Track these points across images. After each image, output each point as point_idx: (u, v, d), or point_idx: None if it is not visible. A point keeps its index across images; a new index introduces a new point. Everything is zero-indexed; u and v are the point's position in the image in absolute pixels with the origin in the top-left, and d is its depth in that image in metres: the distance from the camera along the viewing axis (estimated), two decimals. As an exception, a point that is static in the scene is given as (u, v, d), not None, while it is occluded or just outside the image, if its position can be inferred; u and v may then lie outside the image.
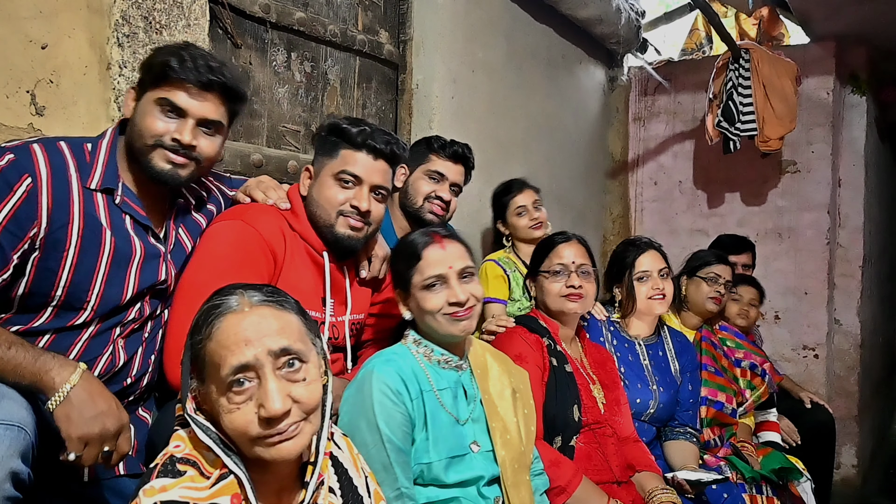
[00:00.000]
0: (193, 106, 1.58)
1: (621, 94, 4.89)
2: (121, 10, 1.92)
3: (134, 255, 1.60)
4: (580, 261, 2.20)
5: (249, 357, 1.13)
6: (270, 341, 1.15)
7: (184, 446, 1.18)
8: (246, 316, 1.16)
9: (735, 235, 3.83)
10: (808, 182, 4.42)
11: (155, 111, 1.56)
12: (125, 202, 1.60)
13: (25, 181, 1.43)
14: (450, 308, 1.70)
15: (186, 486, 1.12)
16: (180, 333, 1.62)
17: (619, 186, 4.93)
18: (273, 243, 1.75)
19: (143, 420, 1.72)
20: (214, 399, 1.15)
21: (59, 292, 1.50)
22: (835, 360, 4.44)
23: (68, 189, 1.50)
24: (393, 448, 1.57)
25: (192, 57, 1.56)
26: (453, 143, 2.51)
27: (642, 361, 2.49)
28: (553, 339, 2.18)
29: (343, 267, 1.93)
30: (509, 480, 1.74)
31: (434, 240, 1.74)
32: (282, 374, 1.15)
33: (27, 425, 1.28)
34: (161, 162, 1.58)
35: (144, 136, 1.56)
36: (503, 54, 3.55)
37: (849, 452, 4.39)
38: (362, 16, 2.92)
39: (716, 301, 2.79)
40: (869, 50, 4.43)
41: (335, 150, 1.83)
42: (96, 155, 1.57)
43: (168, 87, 1.56)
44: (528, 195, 2.96)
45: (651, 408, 2.42)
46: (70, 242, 1.50)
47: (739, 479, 2.47)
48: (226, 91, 1.63)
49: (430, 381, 1.72)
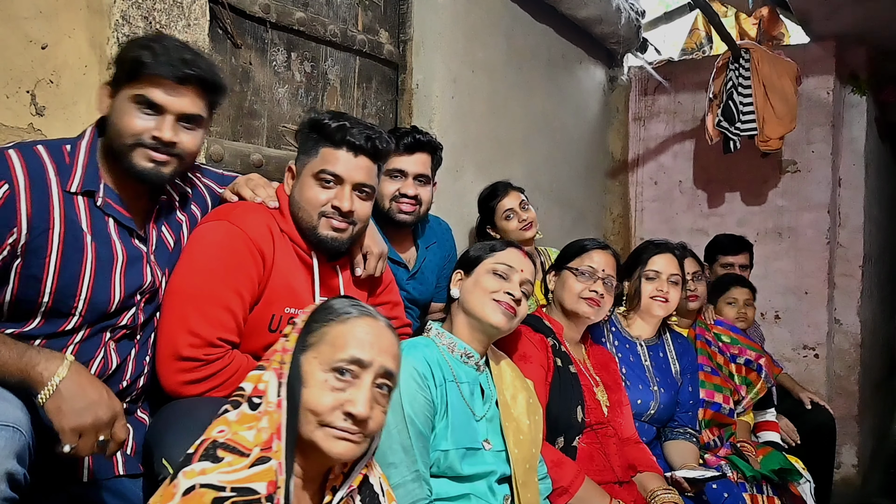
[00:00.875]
0: (171, 101, 1.52)
1: (621, 93, 4.89)
2: (121, 10, 1.92)
3: (116, 259, 1.56)
4: (609, 271, 2.22)
5: (368, 357, 1.25)
6: (387, 359, 1.29)
7: (227, 431, 1.20)
8: (380, 328, 1.31)
9: (733, 235, 3.81)
10: (808, 182, 4.42)
11: (132, 109, 1.51)
12: (107, 203, 1.55)
13: (2, 188, 1.40)
14: (503, 296, 1.80)
15: (224, 470, 1.15)
16: (171, 337, 1.61)
17: (619, 186, 4.93)
18: (261, 243, 1.70)
19: (142, 421, 1.69)
20: (307, 371, 1.24)
21: (45, 299, 1.47)
22: (835, 360, 4.44)
23: (48, 194, 1.46)
24: (415, 431, 1.61)
25: (165, 50, 1.50)
26: (406, 134, 2.40)
27: (643, 362, 2.49)
28: (558, 340, 2.19)
29: (336, 266, 1.88)
30: (520, 480, 1.77)
31: (520, 249, 1.93)
32: (376, 391, 1.27)
33: (22, 426, 1.27)
34: (143, 161, 1.53)
35: (124, 136, 1.51)
36: (503, 54, 3.55)
37: (849, 452, 4.38)
38: (362, 16, 2.92)
39: (692, 299, 2.77)
40: (869, 50, 4.43)
41: (315, 149, 1.76)
42: (75, 157, 1.53)
43: (143, 84, 1.50)
44: (514, 197, 2.92)
45: (651, 409, 2.42)
46: (52, 248, 1.46)
47: (740, 479, 2.46)
48: (203, 83, 1.57)
49: (452, 373, 1.77)
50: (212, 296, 1.63)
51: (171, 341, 1.61)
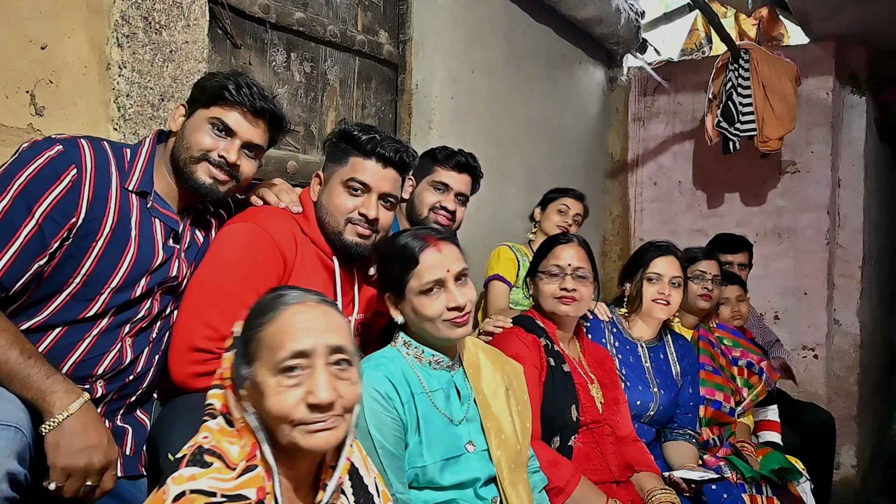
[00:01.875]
0: (244, 128, 1.69)
1: (621, 94, 4.89)
2: (120, 11, 1.92)
3: (156, 259, 1.65)
4: (577, 263, 2.19)
5: (309, 344, 1.21)
6: (329, 337, 1.23)
7: (211, 438, 1.22)
8: (310, 308, 1.25)
9: (732, 235, 3.80)
10: (807, 182, 4.42)
11: (206, 128, 1.66)
12: (154, 207, 1.67)
13: (72, 172, 1.49)
14: (449, 314, 1.68)
15: (214, 476, 1.16)
16: (188, 328, 1.69)
17: (618, 187, 4.93)
18: (284, 247, 1.77)
19: (142, 422, 1.72)
20: (261, 381, 1.20)
21: (77, 279, 1.53)
22: (834, 361, 4.44)
23: (108, 185, 1.57)
24: (385, 454, 1.57)
25: (248, 84, 1.68)
26: (458, 154, 2.50)
27: (643, 364, 2.49)
28: (550, 339, 2.18)
29: (352, 269, 1.94)
30: (506, 480, 1.73)
31: (429, 242, 1.70)
32: (332, 370, 1.23)
33: (23, 426, 1.29)
34: (203, 175, 1.66)
35: (192, 149, 1.65)
36: (503, 54, 3.55)
37: (848, 453, 4.39)
38: (362, 16, 2.92)
39: (706, 298, 2.79)
40: (868, 50, 4.43)
41: (345, 158, 1.84)
42: (136, 160, 1.65)
43: (223, 108, 1.66)
44: (577, 205, 3.11)
45: (651, 410, 2.42)
46: (101, 234, 1.55)
47: (739, 479, 2.46)
48: (274, 120, 1.75)
49: (421, 384, 1.71)
50: (232, 292, 1.68)
51: (187, 332, 1.68)
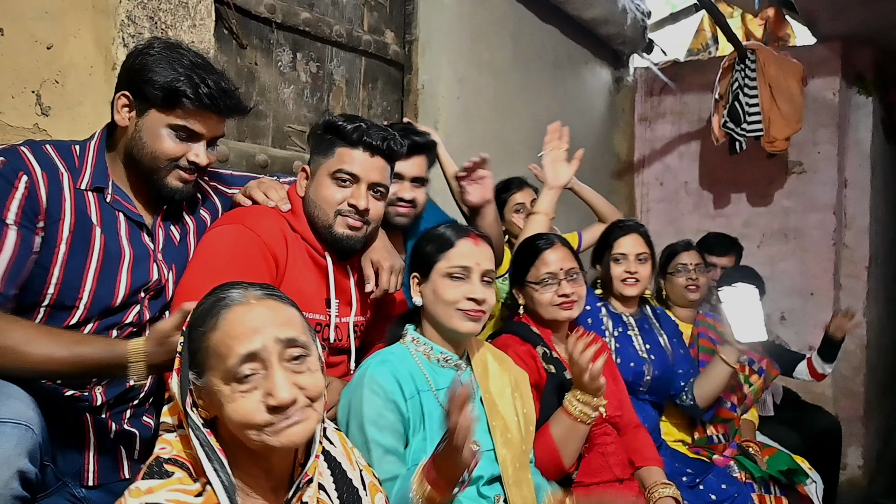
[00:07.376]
0: (210, 128, 1.64)
1: (627, 94, 4.88)
2: (126, 11, 1.92)
3: (124, 255, 1.59)
4: (567, 265, 2.13)
5: (258, 345, 1.14)
6: (278, 331, 1.16)
7: (170, 448, 1.18)
8: (253, 307, 1.18)
9: (721, 235, 3.66)
10: (814, 183, 4.41)
11: (169, 134, 1.59)
12: (116, 200, 1.60)
13: (23, 178, 1.45)
14: (466, 304, 1.70)
15: (174, 488, 1.11)
16: None
17: (624, 187, 4.92)
18: (274, 247, 1.72)
19: (148, 426, 1.70)
20: (216, 391, 1.14)
21: (51, 290, 1.49)
22: (840, 361, 4.39)
23: (59, 188, 1.51)
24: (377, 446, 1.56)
25: (205, 82, 1.57)
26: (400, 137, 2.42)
27: (629, 332, 2.50)
28: (547, 346, 2.12)
29: (347, 267, 1.90)
30: (510, 479, 1.72)
31: (470, 235, 1.77)
32: (288, 366, 1.16)
33: (34, 425, 1.28)
34: (175, 181, 1.63)
35: (159, 159, 1.59)
36: (509, 55, 3.54)
37: (855, 453, 4.38)
38: (368, 16, 2.91)
39: (692, 289, 2.81)
40: (875, 51, 4.42)
41: (331, 149, 1.79)
42: (85, 157, 1.59)
43: (185, 114, 1.58)
44: (527, 193, 2.98)
45: (647, 373, 2.42)
46: (61, 238, 1.50)
47: (748, 479, 2.48)
48: (240, 112, 1.72)
49: (428, 381, 1.70)
50: None
51: None
